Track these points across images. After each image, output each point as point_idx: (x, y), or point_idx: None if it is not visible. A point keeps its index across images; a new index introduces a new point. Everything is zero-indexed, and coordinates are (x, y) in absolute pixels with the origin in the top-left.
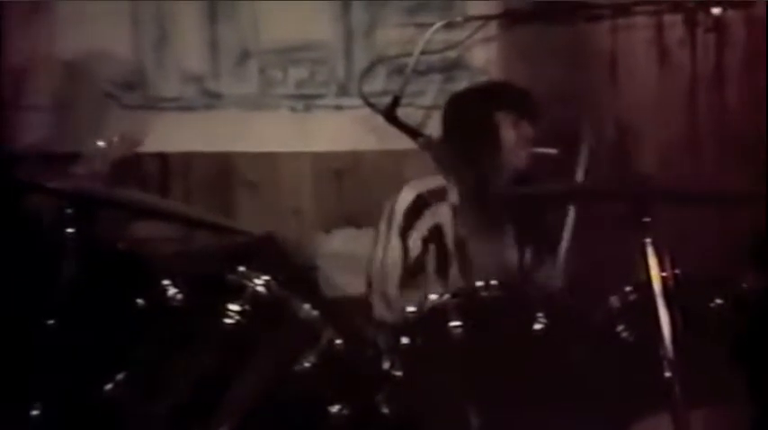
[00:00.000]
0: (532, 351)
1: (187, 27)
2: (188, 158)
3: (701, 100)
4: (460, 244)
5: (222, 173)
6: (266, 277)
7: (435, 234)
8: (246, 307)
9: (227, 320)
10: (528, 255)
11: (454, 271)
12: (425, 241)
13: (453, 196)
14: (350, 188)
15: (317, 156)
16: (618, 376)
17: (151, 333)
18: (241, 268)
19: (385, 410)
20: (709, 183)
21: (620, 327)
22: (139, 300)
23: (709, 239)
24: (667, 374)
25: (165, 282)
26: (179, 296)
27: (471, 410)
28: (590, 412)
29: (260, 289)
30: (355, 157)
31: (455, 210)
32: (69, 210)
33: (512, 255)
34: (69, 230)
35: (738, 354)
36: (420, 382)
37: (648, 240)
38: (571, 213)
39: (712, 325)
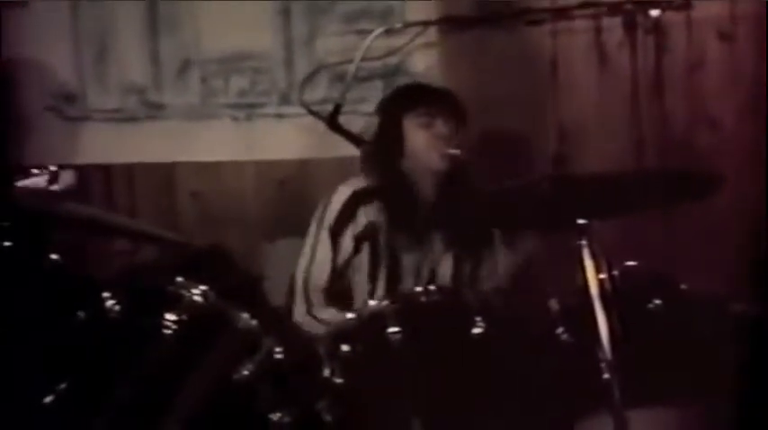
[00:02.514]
0: (472, 355)
1: (128, 37)
2: (131, 170)
3: (641, 102)
4: (392, 248)
5: (165, 183)
6: (204, 287)
7: (370, 232)
8: (184, 317)
9: (165, 331)
10: (461, 260)
11: (383, 274)
12: (359, 239)
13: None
14: (294, 196)
15: (260, 165)
16: (558, 379)
17: (91, 344)
18: (179, 279)
19: (327, 418)
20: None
21: (559, 330)
22: (80, 313)
23: (652, 239)
24: (606, 376)
25: (105, 294)
26: (117, 307)
27: (413, 416)
28: (531, 415)
29: (197, 298)
30: (298, 166)
31: (386, 213)
32: (6, 224)
33: (445, 261)
34: (6, 244)
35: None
36: (361, 389)
37: (584, 242)
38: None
39: (651, 325)
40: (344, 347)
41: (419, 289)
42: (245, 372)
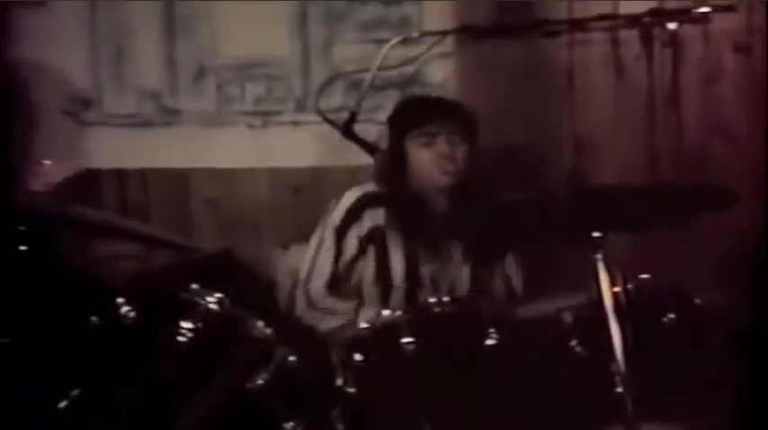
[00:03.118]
0: (485, 367)
1: (145, 43)
2: (145, 175)
3: (658, 115)
4: (408, 259)
5: (180, 189)
6: (219, 295)
7: (375, 236)
8: (199, 324)
9: (180, 338)
10: (477, 272)
11: (398, 280)
12: (363, 242)
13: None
14: (308, 204)
15: (275, 173)
16: (571, 391)
17: (105, 350)
18: (194, 286)
19: (339, 427)
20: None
21: (573, 343)
22: (93, 318)
23: (667, 252)
24: (619, 389)
25: (119, 300)
26: (132, 314)
27: (425, 426)
28: (543, 427)
29: (212, 306)
30: (313, 173)
31: (400, 224)
32: (22, 228)
33: (460, 270)
34: (22, 248)
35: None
36: (374, 399)
37: (599, 256)
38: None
39: (665, 339)
40: (358, 357)
41: (433, 299)
42: (259, 381)
